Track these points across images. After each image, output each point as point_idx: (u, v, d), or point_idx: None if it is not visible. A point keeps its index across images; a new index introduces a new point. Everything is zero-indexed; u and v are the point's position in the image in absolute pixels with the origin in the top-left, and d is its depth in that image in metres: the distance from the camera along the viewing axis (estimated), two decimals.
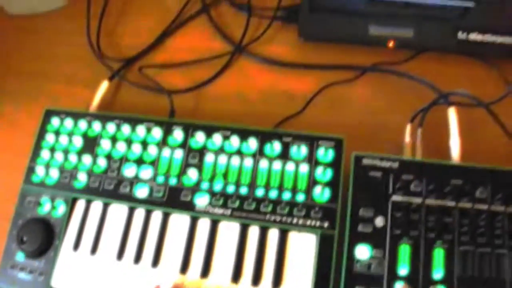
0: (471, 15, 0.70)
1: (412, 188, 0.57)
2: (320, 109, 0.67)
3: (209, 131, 0.60)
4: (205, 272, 0.55)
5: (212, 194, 0.58)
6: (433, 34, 0.70)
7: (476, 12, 0.70)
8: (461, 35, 0.69)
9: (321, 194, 0.56)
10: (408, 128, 0.62)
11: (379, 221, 0.56)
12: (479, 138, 0.63)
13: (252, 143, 0.59)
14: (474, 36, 0.69)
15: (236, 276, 0.55)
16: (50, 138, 0.63)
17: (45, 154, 0.62)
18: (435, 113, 0.62)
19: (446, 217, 0.55)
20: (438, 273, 0.52)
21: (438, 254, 0.53)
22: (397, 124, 0.63)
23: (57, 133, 0.63)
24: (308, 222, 0.55)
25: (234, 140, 0.60)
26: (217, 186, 0.58)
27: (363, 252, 0.54)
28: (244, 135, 0.60)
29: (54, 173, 0.61)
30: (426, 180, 0.57)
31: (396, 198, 0.56)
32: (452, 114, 0.61)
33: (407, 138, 0.61)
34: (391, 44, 0.69)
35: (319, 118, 0.66)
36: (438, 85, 0.65)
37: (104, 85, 0.69)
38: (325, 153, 0.58)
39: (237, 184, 0.58)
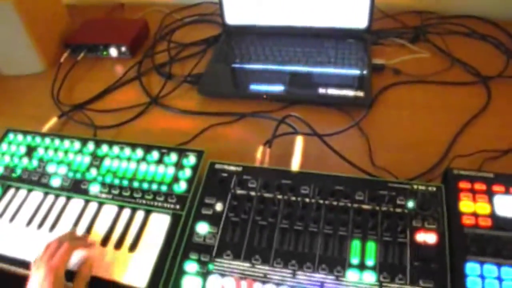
0: (331, 76, 1.01)
1: (249, 185, 0.80)
2: (204, 141, 0.95)
3: (110, 144, 0.89)
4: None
5: (102, 184, 0.84)
6: (299, 90, 1.00)
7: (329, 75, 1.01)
8: (321, 90, 0.99)
9: (179, 187, 0.81)
10: (260, 149, 0.88)
11: (218, 207, 0.79)
12: (320, 160, 0.87)
13: (139, 153, 0.87)
14: (332, 91, 0.98)
15: (105, 241, 0.78)
16: (4, 146, 0.93)
17: None
18: (292, 141, 0.88)
19: (272, 206, 0.77)
20: (259, 246, 0.73)
21: (260, 232, 0.74)
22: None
23: (9, 143, 0.94)
24: (165, 205, 0.80)
25: (127, 151, 0.88)
26: (108, 179, 0.85)
27: (202, 228, 0.76)
28: (133, 147, 0.88)
29: None
30: (261, 180, 0.80)
31: (235, 191, 0.80)
32: (298, 140, 0.88)
33: (258, 156, 0.87)
34: (264, 97, 0.99)
35: (201, 145, 0.92)
36: (306, 128, 0.89)
37: (53, 120, 1.02)
38: (189, 160, 0.84)
39: (121, 179, 0.84)
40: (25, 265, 0.76)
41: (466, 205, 0.74)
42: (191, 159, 0.85)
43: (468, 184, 0.76)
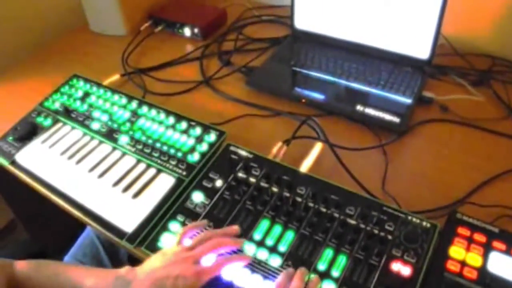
0: (374, 96, 1.04)
1: (252, 172, 0.87)
2: (235, 126, 1.03)
3: (150, 107, 1.02)
4: (101, 174, 0.92)
5: (131, 138, 0.96)
6: (338, 102, 1.05)
7: (372, 95, 1.05)
8: (359, 107, 1.03)
9: (193, 157, 0.91)
10: (278, 145, 0.95)
11: (218, 183, 0.87)
12: (331, 170, 0.91)
13: (171, 120, 0.98)
14: (368, 110, 1.02)
15: (117, 183, 0.90)
16: (66, 88, 1.11)
17: (58, 94, 1.09)
18: (312, 147, 0.94)
19: (266, 196, 0.83)
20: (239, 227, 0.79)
21: (245, 215, 0.81)
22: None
23: (71, 86, 1.11)
24: (175, 169, 0.90)
25: (162, 115, 0.99)
26: (137, 135, 0.97)
27: (197, 196, 0.85)
28: (168, 114, 1.00)
29: (57, 104, 1.07)
30: (265, 170, 0.87)
31: (238, 174, 0.87)
32: (316, 146, 0.94)
33: (274, 150, 0.94)
34: (303, 101, 1.06)
35: (232, 129, 1.00)
36: (333, 140, 0.94)
37: (115, 77, 1.17)
38: (209, 137, 0.94)
39: (148, 137, 0.96)
40: (46, 185, 0.91)
41: (457, 251, 0.73)
42: (212, 137, 0.94)
43: (468, 231, 0.75)
